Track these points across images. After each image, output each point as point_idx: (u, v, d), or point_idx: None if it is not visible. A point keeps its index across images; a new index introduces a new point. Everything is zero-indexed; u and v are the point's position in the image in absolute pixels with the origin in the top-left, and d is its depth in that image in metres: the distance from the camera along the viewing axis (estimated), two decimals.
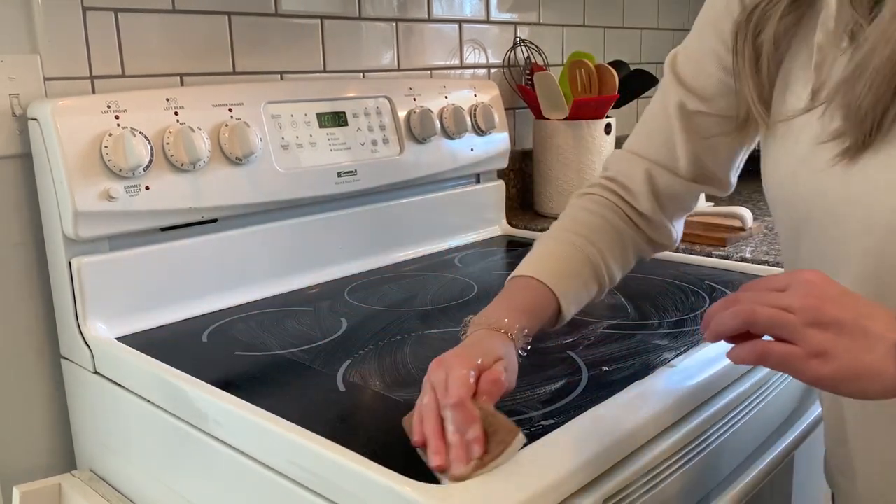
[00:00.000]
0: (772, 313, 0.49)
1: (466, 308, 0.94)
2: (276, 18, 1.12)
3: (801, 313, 0.48)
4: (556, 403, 0.66)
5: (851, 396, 0.48)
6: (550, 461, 0.57)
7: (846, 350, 0.46)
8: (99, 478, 0.91)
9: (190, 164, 0.92)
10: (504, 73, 1.50)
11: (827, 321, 0.47)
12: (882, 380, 0.46)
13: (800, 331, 0.48)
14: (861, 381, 0.47)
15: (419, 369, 0.76)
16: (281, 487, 0.63)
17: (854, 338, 0.47)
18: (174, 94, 0.94)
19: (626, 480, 0.61)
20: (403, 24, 1.30)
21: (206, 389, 0.71)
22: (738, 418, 0.77)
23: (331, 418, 0.65)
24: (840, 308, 0.48)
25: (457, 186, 1.30)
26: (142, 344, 0.85)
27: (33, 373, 0.94)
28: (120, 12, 0.96)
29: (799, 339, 0.48)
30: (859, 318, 0.47)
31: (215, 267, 0.98)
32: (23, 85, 0.89)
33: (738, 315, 0.50)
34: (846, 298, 0.48)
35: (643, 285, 1.02)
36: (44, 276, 0.93)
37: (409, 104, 1.19)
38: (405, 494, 0.53)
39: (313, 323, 0.91)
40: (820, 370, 0.47)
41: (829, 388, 0.48)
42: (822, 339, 0.47)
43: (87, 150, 0.85)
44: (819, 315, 0.47)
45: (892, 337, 0.46)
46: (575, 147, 1.42)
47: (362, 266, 1.14)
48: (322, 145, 1.07)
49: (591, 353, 0.79)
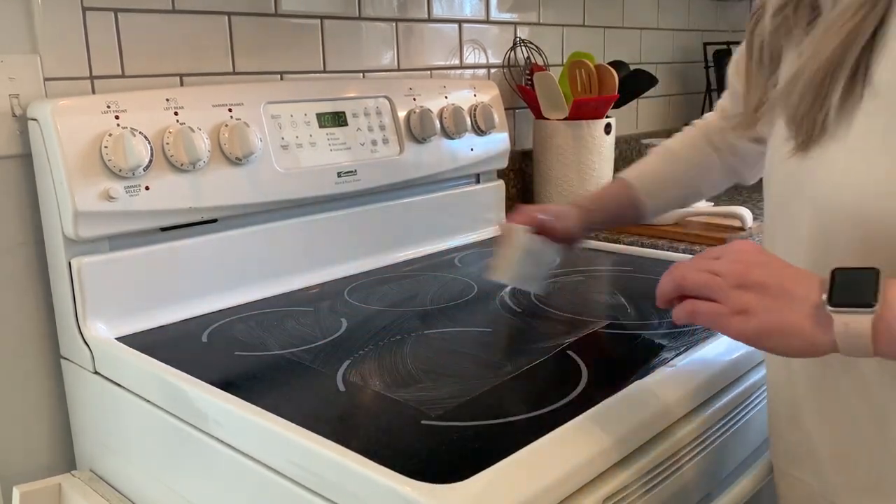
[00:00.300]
0: (699, 276, 0.55)
1: (466, 308, 0.94)
2: (276, 18, 1.12)
3: (727, 276, 0.54)
4: (555, 403, 0.67)
5: (773, 352, 0.53)
6: (550, 461, 0.57)
7: (767, 309, 0.51)
8: (99, 478, 0.91)
9: (190, 164, 0.92)
10: (504, 73, 1.50)
11: (751, 283, 0.52)
12: (801, 336, 0.50)
13: (725, 291, 0.53)
14: (781, 338, 0.51)
15: (419, 369, 0.76)
16: (281, 487, 0.63)
17: (776, 298, 0.51)
18: (174, 94, 0.94)
19: (626, 480, 0.61)
20: (403, 24, 1.30)
21: (206, 389, 0.71)
22: (738, 418, 0.77)
23: (331, 418, 0.65)
24: (764, 271, 0.53)
25: (457, 186, 1.30)
26: (142, 344, 0.85)
27: (33, 373, 0.94)
28: (120, 12, 0.96)
29: (724, 299, 0.53)
30: (783, 282, 0.52)
31: (215, 267, 0.98)
32: (23, 85, 0.89)
33: (673, 280, 0.57)
34: (772, 264, 0.54)
35: (643, 285, 1.03)
36: (44, 276, 0.93)
37: (409, 104, 1.19)
38: (405, 494, 0.53)
39: (313, 323, 0.91)
40: (742, 326, 0.52)
41: (752, 344, 0.53)
42: (746, 298, 0.52)
43: (87, 150, 0.85)
44: (743, 278, 0.53)
45: (813, 298, 0.50)
46: (575, 147, 1.42)
47: (362, 266, 1.14)
48: (322, 145, 1.07)
49: (591, 353, 0.79)
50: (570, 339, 0.83)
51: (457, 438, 0.61)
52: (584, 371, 0.74)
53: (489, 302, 0.97)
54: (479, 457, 0.57)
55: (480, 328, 0.88)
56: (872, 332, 0.47)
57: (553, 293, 1.00)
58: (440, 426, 0.63)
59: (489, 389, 0.70)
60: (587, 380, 0.72)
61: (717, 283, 0.54)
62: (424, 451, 0.59)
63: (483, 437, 0.61)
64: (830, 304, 0.48)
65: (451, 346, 0.82)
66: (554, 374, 0.74)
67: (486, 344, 0.83)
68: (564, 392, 0.69)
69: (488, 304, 0.96)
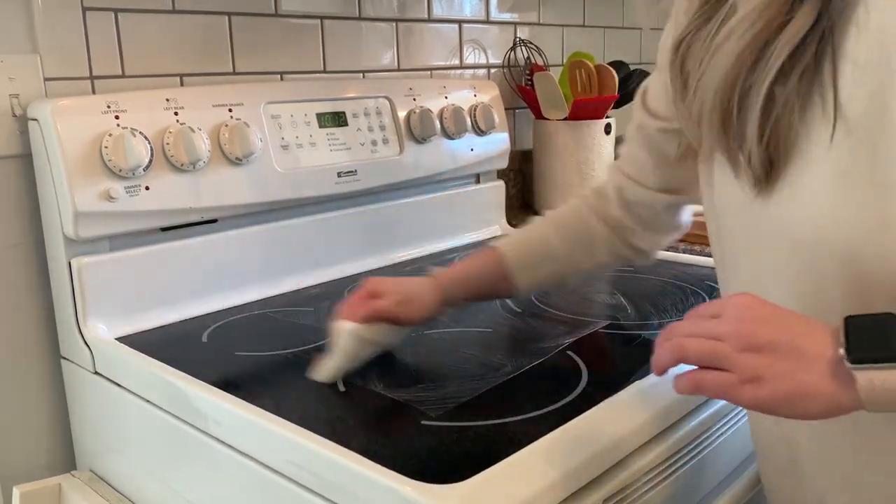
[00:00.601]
0: (700, 345, 0.49)
1: (466, 308, 0.94)
2: (276, 18, 1.12)
3: (732, 340, 0.48)
4: (555, 403, 0.67)
5: (791, 417, 0.47)
6: (550, 461, 0.57)
7: (782, 373, 0.46)
8: (99, 478, 0.91)
9: (190, 165, 0.92)
10: (504, 74, 1.50)
11: (760, 345, 0.47)
12: (821, 399, 0.45)
13: (732, 358, 0.47)
14: (800, 402, 0.46)
15: (419, 369, 0.76)
16: (281, 487, 0.63)
17: (790, 359, 0.46)
18: (174, 95, 0.94)
19: (626, 481, 0.61)
20: (403, 25, 1.30)
21: (206, 389, 0.71)
22: (738, 419, 0.77)
23: (331, 418, 0.65)
24: (773, 330, 0.47)
25: (457, 186, 1.30)
26: (142, 344, 0.85)
27: (33, 373, 0.94)
28: (120, 12, 0.96)
29: (732, 367, 0.47)
30: (794, 338, 0.47)
31: (215, 267, 0.98)
32: (23, 85, 0.89)
33: (672, 351, 0.51)
34: (780, 318, 0.48)
35: (643, 285, 1.03)
36: (44, 276, 0.93)
37: (408, 104, 1.19)
38: (405, 494, 0.53)
39: (313, 323, 0.91)
40: (756, 394, 0.47)
41: (768, 412, 0.47)
42: (756, 363, 0.47)
43: (87, 150, 0.85)
44: (751, 340, 0.47)
45: (828, 354, 0.45)
46: (575, 147, 1.42)
47: (362, 266, 1.14)
48: (322, 145, 1.07)
49: (591, 353, 0.79)
50: (570, 339, 0.83)
51: (457, 438, 0.61)
52: (584, 371, 0.74)
53: (489, 302, 0.97)
54: (479, 457, 0.57)
55: (480, 328, 0.88)
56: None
57: (553, 293, 1.00)
58: (440, 426, 0.63)
59: (489, 389, 0.70)
60: (587, 380, 0.72)
61: (722, 350, 0.48)
62: (424, 451, 0.59)
63: (483, 437, 0.61)
64: (850, 362, 0.44)
65: (451, 346, 0.82)
66: (554, 374, 0.74)
67: (486, 344, 0.83)
68: (564, 392, 0.69)
69: (488, 305, 0.96)
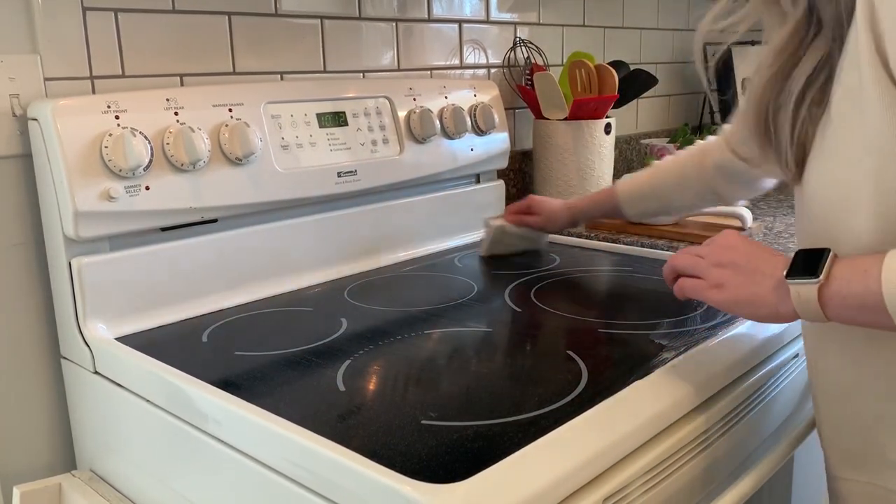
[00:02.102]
0: (686, 258, 0.71)
1: (466, 308, 0.94)
2: (276, 18, 1.12)
3: (707, 257, 0.69)
4: (556, 403, 0.67)
5: (746, 318, 0.66)
6: (550, 461, 0.57)
7: (738, 283, 0.65)
8: (99, 478, 0.91)
9: (190, 165, 0.92)
10: (504, 73, 1.50)
11: (725, 262, 0.66)
12: (766, 305, 0.62)
13: (704, 269, 0.68)
14: (750, 306, 0.64)
15: (419, 369, 0.76)
16: (281, 487, 0.63)
17: (746, 274, 0.65)
18: (174, 94, 0.94)
19: (626, 480, 0.61)
20: (403, 25, 1.30)
21: (206, 389, 0.71)
22: (737, 418, 0.77)
23: (331, 418, 0.65)
24: (738, 254, 0.66)
25: (457, 186, 1.30)
26: (142, 344, 0.85)
27: (33, 373, 0.94)
28: (120, 12, 0.96)
29: (704, 275, 0.68)
30: (753, 261, 0.65)
31: (215, 267, 0.98)
32: (23, 85, 0.89)
33: (669, 263, 0.74)
34: (747, 248, 0.66)
35: (643, 285, 1.03)
36: (44, 276, 0.93)
37: (408, 104, 1.19)
38: (405, 494, 0.53)
39: (313, 323, 0.91)
40: (718, 297, 0.66)
41: (728, 311, 0.67)
42: (720, 274, 0.66)
43: (87, 150, 0.85)
44: (719, 258, 0.67)
45: (777, 275, 0.61)
46: (575, 147, 1.42)
47: (362, 266, 1.14)
48: (322, 145, 1.07)
49: (591, 352, 0.79)
50: (570, 339, 0.83)
51: (457, 438, 0.61)
52: (584, 371, 0.74)
53: (489, 302, 0.97)
54: (478, 457, 0.57)
55: (480, 328, 0.88)
56: (819, 298, 0.57)
57: (553, 293, 1.00)
58: (440, 426, 0.63)
59: (489, 390, 0.70)
60: (587, 380, 0.72)
61: (698, 262, 0.69)
62: (424, 451, 0.59)
63: (483, 437, 0.61)
64: (787, 277, 0.59)
65: (451, 346, 0.82)
66: (554, 374, 0.74)
67: (486, 344, 0.83)
68: (564, 392, 0.69)
69: (488, 304, 0.96)
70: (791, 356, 0.87)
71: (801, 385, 0.91)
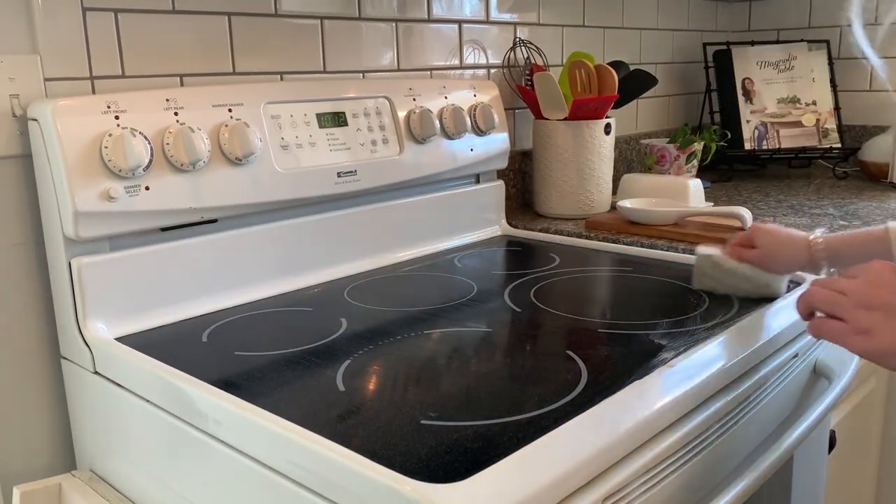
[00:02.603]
0: (824, 295, 0.61)
1: (466, 308, 0.94)
2: (276, 18, 1.12)
3: (851, 296, 0.58)
4: (555, 403, 0.67)
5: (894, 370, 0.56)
6: (550, 461, 0.57)
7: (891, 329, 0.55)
8: (99, 478, 0.91)
9: (190, 165, 0.92)
10: (504, 74, 1.50)
11: (876, 304, 0.56)
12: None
13: (848, 311, 0.58)
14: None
15: (419, 369, 0.76)
16: (281, 487, 0.63)
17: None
18: (174, 95, 0.94)
19: (626, 480, 0.61)
20: (403, 25, 1.30)
21: (206, 389, 0.71)
22: (737, 418, 0.77)
23: (331, 418, 0.65)
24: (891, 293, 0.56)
25: (456, 186, 1.30)
26: (142, 344, 0.85)
27: (33, 373, 0.94)
28: (120, 12, 0.96)
29: (847, 318, 0.58)
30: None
31: (215, 267, 0.98)
32: (23, 85, 0.89)
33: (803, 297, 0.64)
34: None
35: (643, 285, 1.03)
36: (44, 276, 0.93)
37: (408, 104, 1.19)
38: (405, 494, 0.53)
39: (313, 323, 0.91)
40: (864, 345, 0.57)
41: (875, 361, 0.56)
42: (868, 318, 0.56)
43: (86, 150, 0.85)
44: (868, 298, 0.57)
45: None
46: (574, 147, 1.42)
47: (362, 266, 1.14)
48: (322, 145, 1.07)
49: (591, 352, 0.79)
50: (570, 339, 0.83)
51: (456, 438, 0.61)
52: (584, 371, 0.74)
53: (489, 302, 0.97)
54: (478, 457, 0.57)
55: (480, 328, 0.88)
56: None
57: (553, 293, 1.00)
58: (440, 426, 0.63)
59: (489, 389, 0.70)
60: (587, 380, 0.72)
61: (840, 301, 0.59)
62: (424, 450, 0.59)
63: (483, 437, 0.61)
64: None
65: (451, 346, 0.82)
66: (554, 374, 0.74)
67: (486, 344, 0.83)
68: (564, 392, 0.69)
69: (488, 304, 0.96)
70: (791, 356, 0.87)
71: (801, 385, 0.91)
